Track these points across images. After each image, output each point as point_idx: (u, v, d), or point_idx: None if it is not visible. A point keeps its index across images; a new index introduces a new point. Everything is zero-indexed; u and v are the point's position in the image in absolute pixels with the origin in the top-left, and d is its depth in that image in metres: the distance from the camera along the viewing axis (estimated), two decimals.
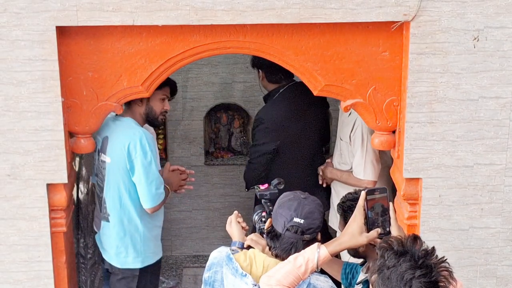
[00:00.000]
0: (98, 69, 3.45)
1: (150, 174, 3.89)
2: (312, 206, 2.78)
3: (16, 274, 3.63)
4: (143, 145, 3.84)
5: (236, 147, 5.95)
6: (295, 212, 2.74)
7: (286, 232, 2.74)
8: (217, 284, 2.86)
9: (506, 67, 3.42)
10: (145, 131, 3.93)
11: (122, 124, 3.94)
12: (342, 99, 3.57)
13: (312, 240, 2.76)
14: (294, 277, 2.59)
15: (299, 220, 2.73)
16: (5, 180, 3.50)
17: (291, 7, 3.30)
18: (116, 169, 3.90)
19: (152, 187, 3.90)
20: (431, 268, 2.18)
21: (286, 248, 2.76)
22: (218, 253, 2.92)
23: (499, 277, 3.71)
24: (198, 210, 5.82)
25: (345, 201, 3.09)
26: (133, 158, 3.85)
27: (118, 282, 4.11)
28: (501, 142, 3.52)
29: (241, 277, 2.76)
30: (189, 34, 3.43)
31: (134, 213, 3.97)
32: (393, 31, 3.40)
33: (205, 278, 2.92)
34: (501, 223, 3.63)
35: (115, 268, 4.09)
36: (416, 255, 2.21)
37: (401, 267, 2.19)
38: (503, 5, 3.33)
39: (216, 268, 2.88)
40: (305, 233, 2.74)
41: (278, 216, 2.78)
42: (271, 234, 2.79)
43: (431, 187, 3.56)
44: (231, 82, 5.68)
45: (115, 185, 3.93)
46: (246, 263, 2.81)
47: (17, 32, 3.29)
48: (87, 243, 4.57)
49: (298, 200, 2.78)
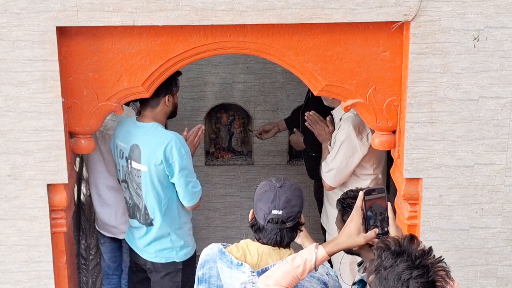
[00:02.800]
0: (99, 70, 3.45)
1: (188, 175, 3.96)
2: (289, 194, 2.82)
3: (17, 275, 3.64)
4: (178, 149, 3.89)
5: (237, 147, 5.95)
6: (273, 204, 2.79)
7: (268, 224, 2.80)
8: (213, 279, 2.88)
9: (506, 67, 3.42)
10: (176, 134, 3.97)
11: (150, 131, 3.95)
12: (342, 99, 3.57)
13: (295, 225, 2.84)
14: (292, 277, 2.60)
15: (278, 212, 2.78)
16: (6, 181, 3.50)
17: (291, 7, 3.30)
18: (154, 175, 3.94)
19: (192, 187, 3.99)
20: (428, 268, 2.18)
21: (271, 237, 2.81)
22: (209, 250, 2.95)
23: (500, 277, 3.71)
24: (199, 210, 5.80)
25: (345, 198, 3.09)
26: (171, 162, 3.90)
27: (162, 280, 4.15)
28: (501, 142, 3.52)
29: (237, 267, 2.79)
30: (189, 34, 3.43)
31: (176, 212, 4.06)
32: (393, 31, 3.40)
33: (199, 276, 2.93)
34: (502, 223, 3.63)
35: (157, 265, 4.13)
36: (413, 255, 2.21)
37: (398, 268, 2.20)
38: (503, 5, 3.33)
39: (210, 264, 2.90)
40: (286, 222, 2.80)
41: (258, 210, 2.83)
42: (255, 227, 2.86)
43: (431, 187, 3.56)
44: (231, 82, 5.69)
45: (154, 191, 3.97)
46: (240, 253, 2.85)
47: (18, 32, 3.29)
48: (89, 244, 4.57)
49: (274, 191, 2.81)
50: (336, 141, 4.27)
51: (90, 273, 4.62)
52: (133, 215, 4.12)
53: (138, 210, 4.07)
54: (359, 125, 4.19)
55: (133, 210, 4.10)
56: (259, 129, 5.32)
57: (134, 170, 3.99)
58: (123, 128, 4.04)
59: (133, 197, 4.06)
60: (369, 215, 2.63)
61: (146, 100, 3.88)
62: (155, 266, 4.15)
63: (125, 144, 4.00)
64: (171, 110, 4.07)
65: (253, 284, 2.76)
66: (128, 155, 4.00)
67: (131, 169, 4.00)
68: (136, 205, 4.07)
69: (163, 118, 4.05)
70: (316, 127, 4.45)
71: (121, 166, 4.08)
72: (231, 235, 5.73)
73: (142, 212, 4.05)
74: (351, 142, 4.18)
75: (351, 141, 4.18)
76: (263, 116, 5.68)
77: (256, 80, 5.66)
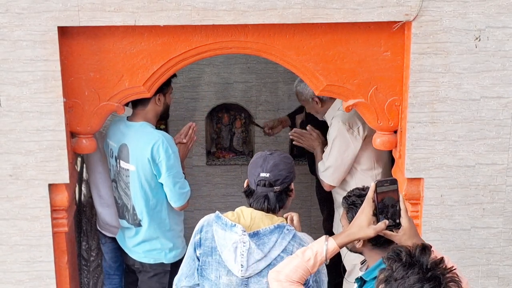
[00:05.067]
0: (100, 70, 3.46)
1: (175, 175, 3.94)
2: (277, 160, 3.01)
3: (18, 274, 3.64)
4: (165, 149, 3.87)
5: (238, 147, 5.95)
6: (261, 167, 2.99)
7: (257, 187, 2.99)
8: (208, 242, 3.01)
9: (507, 67, 3.42)
10: (163, 133, 3.95)
11: (139, 130, 3.94)
12: (343, 99, 3.57)
13: (284, 190, 3.02)
14: (303, 271, 2.59)
15: (265, 174, 2.98)
16: (7, 180, 3.51)
17: (293, 7, 3.30)
18: (142, 175, 3.93)
19: (179, 188, 3.96)
20: (440, 281, 2.14)
21: (259, 200, 2.99)
22: (207, 217, 3.09)
23: (501, 277, 3.71)
24: (200, 210, 5.81)
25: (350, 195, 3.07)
26: (158, 162, 3.88)
27: (149, 280, 4.15)
28: (502, 142, 3.52)
29: (231, 228, 2.94)
30: (190, 34, 3.43)
31: (165, 212, 4.04)
32: (395, 31, 3.40)
33: (196, 241, 3.05)
34: (503, 223, 3.63)
35: (146, 265, 4.12)
36: (425, 267, 2.17)
37: (409, 280, 2.15)
38: (504, 5, 3.33)
39: (207, 228, 3.04)
40: (274, 185, 2.99)
41: (250, 175, 3.04)
42: (247, 192, 3.04)
43: (432, 187, 3.56)
44: (232, 82, 5.68)
45: (142, 191, 3.96)
46: (234, 217, 3.00)
47: (19, 32, 3.29)
48: (90, 246, 4.56)
49: (264, 157, 3.03)
50: (329, 138, 4.27)
51: (91, 274, 4.61)
52: (122, 215, 4.11)
53: (126, 210, 4.06)
54: (349, 120, 4.19)
55: (122, 210, 4.10)
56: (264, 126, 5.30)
57: (122, 169, 3.98)
58: (114, 127, 4.03)
59: (122, 197, 4.06)
60: (380, 206, 2.60)
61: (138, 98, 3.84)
62: (143, 266, 4.14)
63: (115, 143, 4.00)
64: (162, 110, 4.04)
65: (243, 243, 2.90)
66: (117, 154, 3.99)
67: (120, 169, 3.99)
68: (125, 205, 4.06)
69: (154, 117, 4.02)
70: (303, 140, 4.49)
71: (112, 165, 4.08)
72: None
73: (131, 213, 4.04)
74: (343, 137, 4.17)
75: (343, 136, 4.18)
76: (264, 116, 5.68)
77: (257, 80, 5.66)
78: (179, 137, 4.11)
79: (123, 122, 4.00)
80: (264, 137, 5.66)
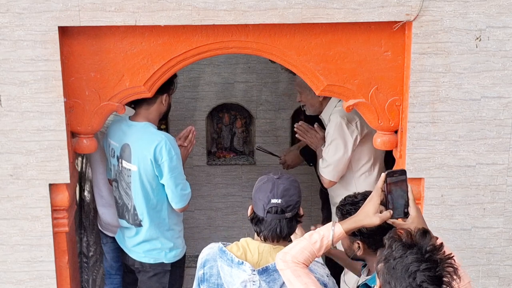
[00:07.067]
0: (101, 69, 3.46)
1: (177, 177, 3.94)
2: (287, 184, 2.83)
3: (19, 274, 3.64)
4: (168, 150, 3.87)
5: (238, 147, 5.95)
6: (271, 193, 2.80)
7: (268, 215, 2.80)
8: (213, 278, 2.88)
9: (508, 66, 3.42)
10: (166, 134, 3.95)
11: (141, 130, 3.94)
12: (344, 99, 3.57)
13: (294, 216, 2.85)
14: (310, 253, 2.63)
15: (277, 200, 2.79)
16: (8, 180, 3.51)
17: (293, 7, 3.30)
18: (143, 175, 3.93)
19: (180, 189, 3.96)
20: (437, 263, 2.20)
21: (271, 229, 2.81)
22: (209, 249, 2.94)
23: (502, 277, 3.71)
24: (200, 210, 5.82)
25: (344, 205, 3.05)
26: (160, 163, 3.88)
27: (149, 280, 4.15)
28: (503, 142, 3.52)
29: (238, 265, 2.79)
30: (191, 34, 3.43)
31: (165, 214, 4.04)
32: (395, 31, 3.40)
33: (199, 276, 2.93)
34: (504, 223, 3.63)
35: (146, 265, 4.12)
36: (424, 249, 2.23)
37: (407, 259, 2.22)
38: (505, 4, 3.33)
39: (211, 263, 2.89)
40: (286, 212, 2.81)
41: (257, 201, 2.84)
42: (255, 220, 2.85)
43: (433, 187, 3.57)
44: (233, 82, 5.68)
45: (143, 191, 3.96)
46: (240, 252, 2.84)
47: (20, 32, 3.29)
48: (89, 241, 4.57)
49: (272, 181, 2.83)
50: (328, 135, 4.27)
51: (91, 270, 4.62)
52: (122, 215, 4.11)
53: (127, 210, 4.06)
54: (347, 115, 4.19)
55: (122, 210, 4.09)
56: (282, 159, 5.18)
57: (124, 169, 3.98)
58: (116, 127, 4.03)
59: (123, 196, 4.05)
60: (389, 197, 2.64)
61: (142, 98, 3.84)
62: (143, 266, 4.14)
63: (117, 143, 3.99)
64: (166, 110, 4.06)
65: (253, 282, 2.77)
66: (119, 154, 3.99)
67: (122, 169, 3.99)
68: (125, 205, 4.06)
69: (157, 117, 4.02)
70: (307, 136, 4.48)
71: (113, 165, 4.07)
72: (233, 235, 5.72)
73: (131, 213, 4.04)
74: (342, 132, 4.18)
75: (342, 131, 4.18)
76: (265, 116, 5.68)
77: (258, 80, 5.66)
78: (178, 140, 4.11)
79: (125, 122, 3.99)
80: (265, 137, 5.67)
